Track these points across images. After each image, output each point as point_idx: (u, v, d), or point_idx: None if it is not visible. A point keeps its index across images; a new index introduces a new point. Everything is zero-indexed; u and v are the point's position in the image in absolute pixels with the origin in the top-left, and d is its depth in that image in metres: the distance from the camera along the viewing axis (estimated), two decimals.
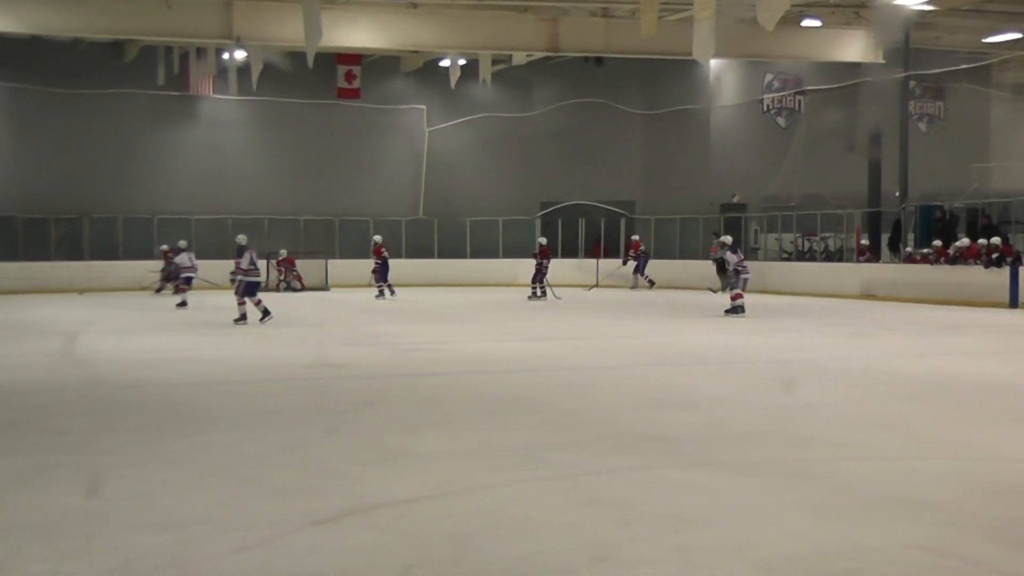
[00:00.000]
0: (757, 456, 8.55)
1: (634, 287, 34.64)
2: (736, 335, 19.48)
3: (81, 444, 9.05)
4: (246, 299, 20.89)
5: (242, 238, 21.89)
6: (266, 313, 20.91)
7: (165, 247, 31.95)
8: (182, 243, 28.13)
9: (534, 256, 29.84)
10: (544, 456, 8.46)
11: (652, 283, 34.55)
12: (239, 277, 20.88)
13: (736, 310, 23.09)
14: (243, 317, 20.80)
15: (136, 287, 32.10)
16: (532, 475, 7.84)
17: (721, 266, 32.03)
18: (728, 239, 25.19)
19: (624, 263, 35.23)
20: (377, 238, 31.30)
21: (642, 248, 35.51)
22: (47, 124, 35.48)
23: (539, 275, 29.38)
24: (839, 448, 8.88)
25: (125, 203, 35.83)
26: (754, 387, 12.76)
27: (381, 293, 29.87)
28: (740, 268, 23.74)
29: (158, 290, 31.48)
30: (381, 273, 30.10)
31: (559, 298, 28.82)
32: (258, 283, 21.53)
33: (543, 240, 30.80)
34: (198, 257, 35.26)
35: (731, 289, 23.98)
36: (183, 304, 25.79)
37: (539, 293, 29.32)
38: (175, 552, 5.96)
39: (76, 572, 5.68)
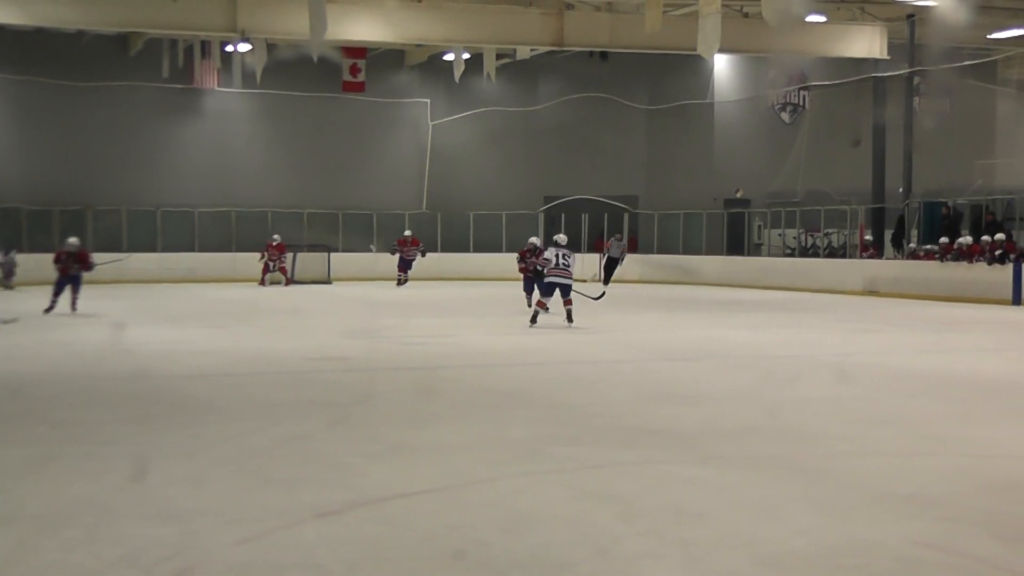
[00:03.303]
0: (760, 451, 8.56)
1: (403, 283, 33.60)
2: (739, 330, 19.50)
3: (85, 435, 9.07)
4: None
5: None
6: None
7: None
8: None
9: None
10: (546, 450, 8.47)
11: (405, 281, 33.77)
12: None
13: (534, 318, 19.14)
14: None
15: (140, 279, 32.17)
16: (535, 469, 7.85)
17: (611, 262, 33.26)
18: (556, 238, 20.19)
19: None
20: (73, 240, 22.45)
21: (420, 245, 34.17)
22: (52, 116, 35.47)
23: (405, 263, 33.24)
24: (842, 444, 8.89)
25: (129, 196, 35.82)
26: (757, 382, 12.78)
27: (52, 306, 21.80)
28: (542, 266, 19.57)
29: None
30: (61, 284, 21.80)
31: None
32: None
33: (408, 232, 34.10)
34: (204, 249, 35.61)
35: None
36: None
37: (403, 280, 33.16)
38: (179, 543, 5.97)
39: (81, 563, 5.69)
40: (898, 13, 31.54)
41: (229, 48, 35.14)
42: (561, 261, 19.16)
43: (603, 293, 22.42)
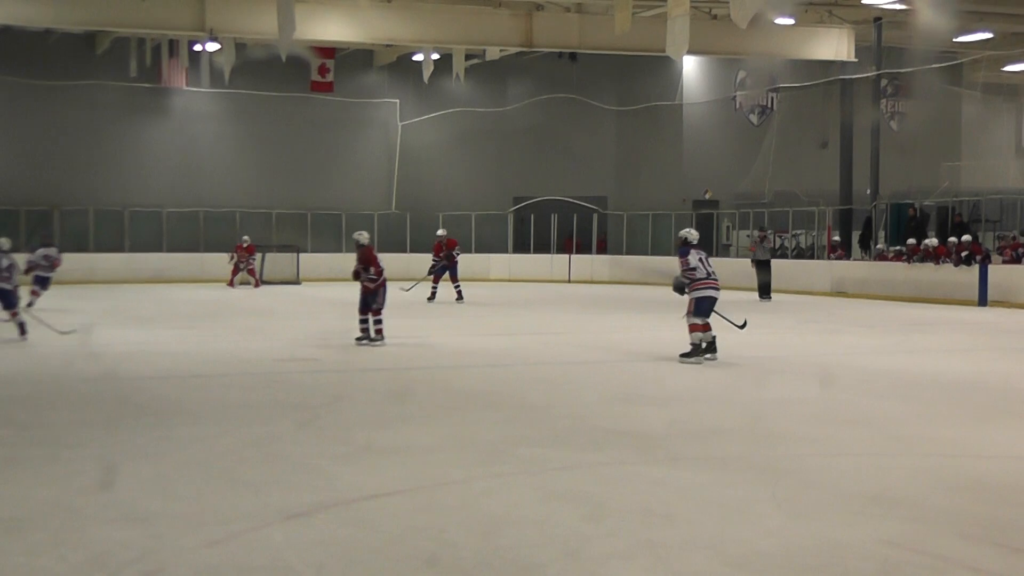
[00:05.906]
0: (727, 452, 8.59)
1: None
2: None
3: (51, 437, 9.00)
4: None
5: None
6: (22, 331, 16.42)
7: None
8: None
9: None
10: (515, 451, 8.47)
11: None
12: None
13: (696, 351, 14.49)
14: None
15: (108, 280, 32.00)
16: (503, 470, 7.86)
17: (763, 266, 28.34)
18: (686, 235, 15.32)
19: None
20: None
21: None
22: (18, 115, 35.25)
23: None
24: (809, 444, 8.92)
25: (96, 195, 35.64)
26: (726, 383, 12.81)
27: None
28: (687, 278, 14.72)
29: None
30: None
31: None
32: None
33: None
34: (172, 250, 35.45)
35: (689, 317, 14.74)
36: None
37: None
38: (146, 546, 5.94)
39: (47, 566, 5.66)
40: (865, 16, 31.73)
41: (197, 47, 34.95)
42: (711, 268, 14.84)
43: (745, 323, 16.09)
